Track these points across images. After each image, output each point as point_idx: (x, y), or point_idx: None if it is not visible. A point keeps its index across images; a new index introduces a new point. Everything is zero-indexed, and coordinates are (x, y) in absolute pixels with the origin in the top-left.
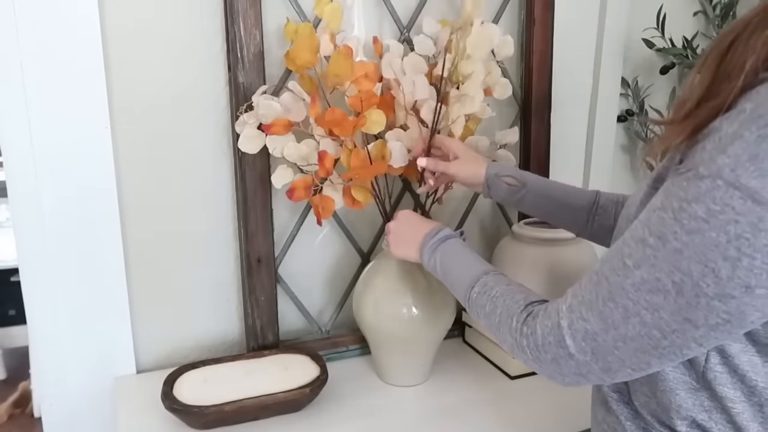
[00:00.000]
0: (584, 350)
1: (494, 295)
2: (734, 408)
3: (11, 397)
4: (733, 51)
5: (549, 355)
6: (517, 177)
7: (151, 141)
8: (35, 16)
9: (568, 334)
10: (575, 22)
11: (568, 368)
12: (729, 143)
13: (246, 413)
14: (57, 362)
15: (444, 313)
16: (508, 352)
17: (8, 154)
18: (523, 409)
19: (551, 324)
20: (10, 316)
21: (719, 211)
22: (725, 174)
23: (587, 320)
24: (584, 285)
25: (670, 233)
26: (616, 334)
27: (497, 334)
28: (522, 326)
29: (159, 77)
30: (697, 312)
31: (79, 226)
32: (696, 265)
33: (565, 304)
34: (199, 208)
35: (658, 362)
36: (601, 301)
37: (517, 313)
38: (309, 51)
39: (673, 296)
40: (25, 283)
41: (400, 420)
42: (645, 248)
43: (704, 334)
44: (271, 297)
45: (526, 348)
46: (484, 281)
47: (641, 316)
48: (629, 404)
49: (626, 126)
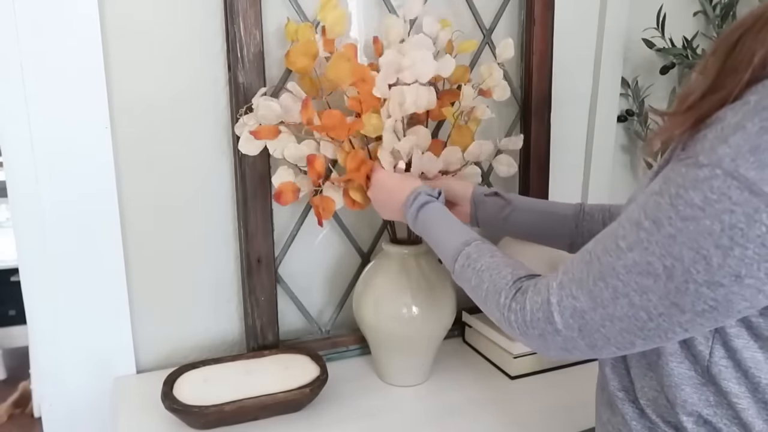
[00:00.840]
0: (571, 327)
1: (479, 269)
2: (739, 404)
3: (11, 397)
4: (741, 44)
5: (536, 331)
6: (503, 194)
7: (151, 141)
8: (35, 16)
9: (556, 310)
10: (575, 22)
11: (555, 343)
12: (731, 133)
13: (246, 413)
14: (57, 362)
15: (444, 313)
16: (497, 325)
17: (8, 154)
18: (523, 409)
19: (540, 300)
20: (10, 316)
21: (716, 200)
22: (725, 164)
23: (577, 298)
24: (576, 263)
25: (665, 218)
26: (604, 313)
27: (484, 308)
28: (511, 302)
29: (159, 77)
30: (685, 297)
31: (79, 226)
32: (688, 251)
33: (555, 281)
34: (199, 208)
35: (642, 343)
36: (592, 280)
37: (505, 288)
38: (306, 56)
39: (663, 280)
40: (25, 283)
41: (401, 420)
42: (639, 231)
43: (690, 319)
44: (271, 297)
45: (514, 323)
46: (466, 253)
47: (630, 298)
48: (635, 403)
49: (626, 126)
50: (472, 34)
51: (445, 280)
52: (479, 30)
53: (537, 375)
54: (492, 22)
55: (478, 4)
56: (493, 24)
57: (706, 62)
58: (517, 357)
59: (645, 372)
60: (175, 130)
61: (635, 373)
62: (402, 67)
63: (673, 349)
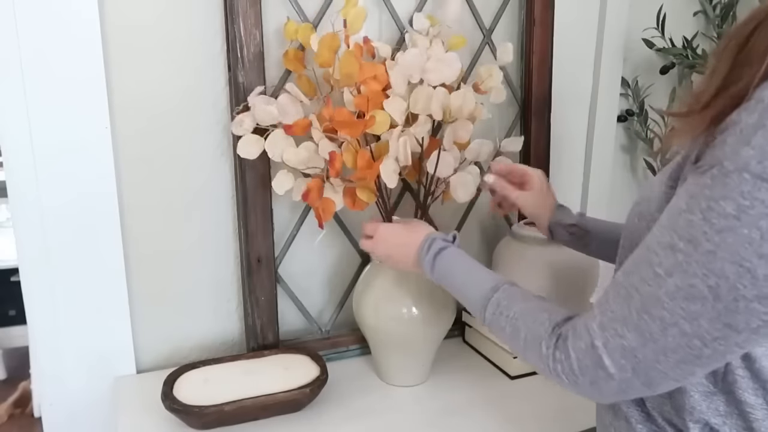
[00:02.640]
0: (624, 368)
1: (513, 316)
2: (753, 414)
3: (11, 397)
4: (755, 37)
5: (587, 378)
6: (580, 225)
7: (151, 141)
8: (35, 16)
9: (604, 353)
10: (575, 22)
11: (609, 388)
12: (752, 134)
13: (246, 413)
14: (57, 362)
15: (444, 313)
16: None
17: (8, 154)
18: (524, 409)
19: (585, 345)
20: (10, 316)
21: (749, 206)
22: (752, 167)
23: (623, 336)
24: (612, 299)
25: (700, 235)
26: (656, 347)
27: (524, 357)
28: (554, 352)
29: (159, 77)
30: (737, 316)
31: (79, 226)
32: (730, 265)
33: (595, 322)
34: (199, 208)
35: (701, 370)
36: (636, 315)
37: (545, 337)
38: (330, 50)
39: (710, 302)
40: (25, 283)
41: (400, 420)
42: (675, 254)
43: (746, 338)
44: (271, 297)
45: (561, 374)
46: (496, 300)
47: (680, 326)
48: (641, 406)
49: (626, 126)
50: (472, 34)
51: None
52: (479, 30)
53: (537, 375)
54: (492, 22)
55: (478, 4)
56: (493, 24)
57: (719, 59)
58: (517, 357)
59: None
60: (175, 130)
61: None
62: (427, 69)
63: None
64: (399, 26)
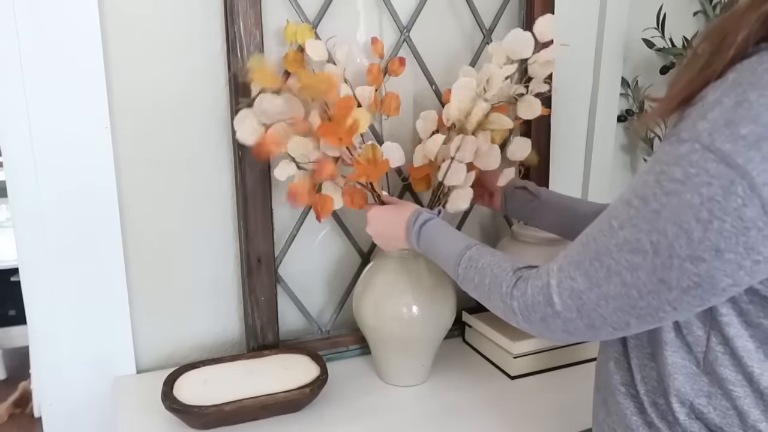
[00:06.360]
0: (570, 308)
1: (481, 267)
2: (735, 391)
3: (11, 397)
4: (727, 26)
5: (538, 315)
6: (532, 188)
7: (151, 141)
8: (35, 15)
9: (555, 292)
10: (575, 22)
11: (556, 326)
12: (709, 109)
13: (246, 413)
14: (57, 362)
15: (444, 313)
16: (501, 318)
17: (8, 154)
18: (523, 409)
19: (541, 284)
20: (10, 316)
21: (695, 173)
22: (703, 138)
23: (574, 279)
24: (574, 246)
25: (650, 194)
26: (599, 292)
27: (488, 303)
28: (512, 290)
29: (159, 77)
30: (670, 273)
31: (79, 226)
32: (671, 225)
33: (555, 264)
34: (199, 208)
35: (636, 323)
36: (588, 261)
37: (506, 279)
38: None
39: (650, 256)
40: (25, 283)
41: (400, 420)
42: (629, 209)
43: (677, 297)
44: (271, 297)
45: (517, 309)
46: (468, 255)
47: (621, 276)
48: (636, 398)
49: (626, 126)
50: (472, 34)
51: (445, 280)
52: (479, 30)
53: (537, 375)
54: (492, 22)
55: (478, 4)
56: (493, 24)
57: (696, 49)
58: (517, 357)
59: (646, 363)
60: (175, 130)
61: (636, 364)
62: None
63: (669, 338)
64: (399, 26)
